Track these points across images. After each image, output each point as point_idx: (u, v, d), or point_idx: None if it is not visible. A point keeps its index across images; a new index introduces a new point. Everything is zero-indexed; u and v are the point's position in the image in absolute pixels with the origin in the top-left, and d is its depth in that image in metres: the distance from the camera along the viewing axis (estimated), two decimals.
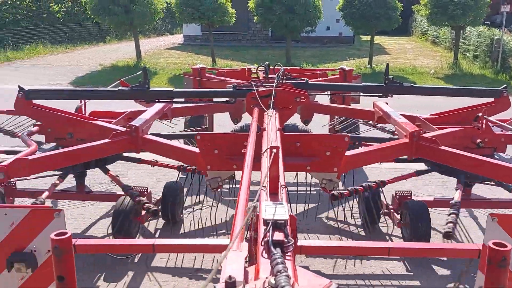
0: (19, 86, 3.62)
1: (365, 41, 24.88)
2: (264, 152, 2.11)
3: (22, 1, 18.93)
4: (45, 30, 20.22)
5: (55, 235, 1.40)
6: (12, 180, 3.62)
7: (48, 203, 4.10)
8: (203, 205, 4.14)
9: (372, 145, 3.62)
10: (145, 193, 3.70)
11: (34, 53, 17.77)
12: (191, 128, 4.97)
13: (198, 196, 4.15)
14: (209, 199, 4.19)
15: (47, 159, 2.88)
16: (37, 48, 18.37)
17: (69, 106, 3.99)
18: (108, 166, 3.78)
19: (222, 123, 7.03)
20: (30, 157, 2.81)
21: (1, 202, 3.59)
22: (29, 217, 1.84)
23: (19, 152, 3.12)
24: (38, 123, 3.85)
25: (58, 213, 1.84)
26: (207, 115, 5.59)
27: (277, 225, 1.46)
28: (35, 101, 3.66)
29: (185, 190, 4.06)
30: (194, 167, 3.60)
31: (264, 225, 1.46)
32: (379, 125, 4.46)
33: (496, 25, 17.34)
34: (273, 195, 1.78)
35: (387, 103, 4.31)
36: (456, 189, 3.29)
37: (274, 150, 1.73)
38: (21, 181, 3.85)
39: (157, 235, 3.84)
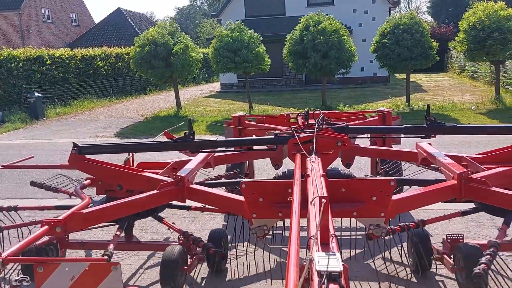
0: (73, 143, 3.85)
1: (400, 80, 24.80)
2: (312, 201, 2.13)
3: (71, 60, 20.35)
4: (91, 85, 21.53)
5: None
6: None
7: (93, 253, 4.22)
8: (248, 252, 4.12)
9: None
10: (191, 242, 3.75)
11: (81, 107, 18.86)
12: (232, 172, 5.04)
13: (243, 243, 4.15)
14: (253, 246, 4.18)
15: (101, 212, 3.01)
16: (84, 102, 19.51)
17: (117, 158, 4.19)
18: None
19: (261, 167, 7.10)
20: (85, 211, 2.94)
21: (56, 254, 3.73)
22: (89, 270, 1.91)
23: (71, 206, 3.27)
24: (90, 176, 4.05)
25: (115, 267, 1.91)
26: (247, 161, 5.68)
27: (332, 277, 1.46)
28: (87, 156, 3.87)
29: (229, 237, 4.08)
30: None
31: (318, 277, 1.46)
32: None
33: None
34: (324, 245, 1.78)
35: (430, 144, 4.25)
36: (499, 229, 3.17)
37: (324, 200, 1.74)
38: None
39: (203, 283, 3.84)
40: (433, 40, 14.31)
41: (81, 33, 37.80)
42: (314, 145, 3.29)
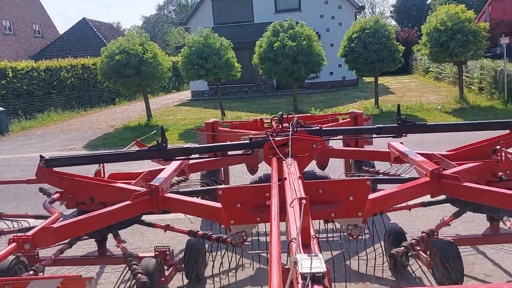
0: (40, 155, 3.70)
1: (368, 83, 25.34)
2: (291, 203, 2.10)
3: (35, 73, 19.75)
4: (57, 97, 20.94)
5: None
6: None
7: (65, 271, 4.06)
8: (227, 261, 4.05)
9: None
10: (168, 252, 3.66)
11: (47, 120, 18.29)
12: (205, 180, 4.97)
13: (221, 251, 4.08)
14: (231, 253, 4.11)
15: (72, 226, 2.89)
16: (50, 115, 18.93)
17: (85, 169, 4.05)
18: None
19: (237, 173, 7.05)
20: (55, 225, 2.82)
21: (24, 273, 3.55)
22: (61, 287, 1.82)
23: (48, 217, 3.14)
24: (59, 189, 3.90)
25: (89, 281, 1.83)
26: (222, 168, 5.61)
27: (315, 279, 1.43)
28: (55, 168, 3.73)
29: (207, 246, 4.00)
30: (205, 232, 3.58)
31: (302, 279, 1.43)
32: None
33: (496, 57, 17.61)
34: (305, 247, 1.75)
35: (401, 143, 4.32)
36: (442, 219, 3.46)
37: (304, 201, 1.72)
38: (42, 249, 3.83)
39: None
40: (398, 43, 14.71)
41: (45, 44, 36.76)
42: (290, 148, 3.28)
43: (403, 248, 3.11)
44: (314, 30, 15.66)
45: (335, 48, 18.41)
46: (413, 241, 3.25)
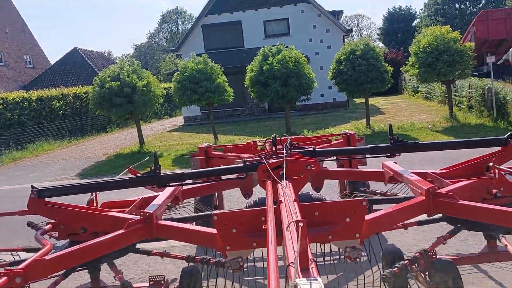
0: (31, 186, 3.64)
1: (358, 104, 25.62)
2: (288, 226, 2.08)
3: (26, 103, 19.72)
4: (49, 127, 20.86)
5: None
6: None
7: None
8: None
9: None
10: (162, 282, 3.58)
11: (39, 150, 18.15)
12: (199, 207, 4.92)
13: (217, 278, 4.00)
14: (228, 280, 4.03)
15: (64, 257, 2.81)
16: (41, 145, 18.81)
17: (80, 198, 3.99)
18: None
19: (231, 198, 7.00)
20: (47, 257, 2.75)
21: None
22: None
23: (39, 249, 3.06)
24: (51, 220, 3.82)
25: None
26: (216, 192, 5.57)
27: None
28: (47, 199, 3.66)
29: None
30: (204, 257, 3.48)
31: None
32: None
33: (483, 75, 17.96)
34: (304, 270, 1.72)
35: (395, 162, 4.32)
36: (438, 238, 3.36)
37: (301, 224, 1.70)
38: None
39: None
40: (387, 64, 14.97)
41: (37, 74, 36.88)
42: (284, 170, 3.26)
43: None
44: (303, 54, 15.91)
45: (325, 71, 18.69)
46: None
